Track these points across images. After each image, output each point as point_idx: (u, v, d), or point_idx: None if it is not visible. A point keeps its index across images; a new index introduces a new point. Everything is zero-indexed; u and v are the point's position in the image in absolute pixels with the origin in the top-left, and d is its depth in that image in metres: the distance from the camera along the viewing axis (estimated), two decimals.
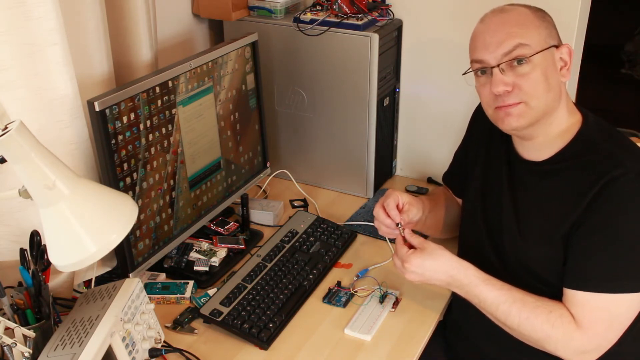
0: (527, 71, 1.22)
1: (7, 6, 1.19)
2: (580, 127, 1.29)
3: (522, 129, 1.28)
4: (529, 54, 1.21)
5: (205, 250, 1.61)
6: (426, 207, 1.52)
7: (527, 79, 1.22)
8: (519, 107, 1.24)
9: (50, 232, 1.06)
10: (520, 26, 1.23)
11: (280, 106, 1.94)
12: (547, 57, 1.23)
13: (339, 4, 1.77)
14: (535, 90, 1.23)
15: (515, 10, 1.26)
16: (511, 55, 1.22)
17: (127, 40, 1.57)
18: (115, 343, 1.15)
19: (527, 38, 1.22)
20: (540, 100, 1.24)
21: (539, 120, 1.26)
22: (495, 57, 1.23)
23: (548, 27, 1.25)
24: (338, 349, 1.36)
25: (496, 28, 1.25)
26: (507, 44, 1.22)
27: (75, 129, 1.35)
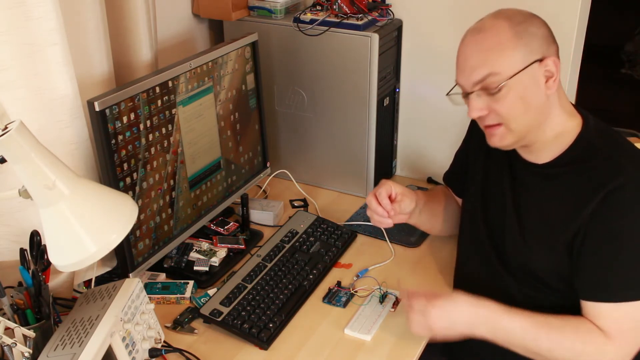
0: (502, 96, 1.21)
1: (7, 6, 1.19)
2: (580, 130, 1.28)
3: (508, 147, 1.29)
4: (499, 82, 1.19)
5: (205, 250, 1.61)
6: (420, 200, 1.52)
7: (502, 104, 1.21)
8: (500, 130, 1.25)
9: (50, 232, 1.06)
10: (492, 51, 1.20)
11: (280, 106, 1.94)
12: (525, 77, 1.20)
13: (339, 4, 1.77)
14: (511, 114, 1.22)
15: (493, 28, 1.21)
16: (482, 84, 1.21)
17: (127, 40, 1.57)
18: (115, 343, 1.15)
19: (498, 65, 1.19)
20: (518, 122, 1.23)
21: (524, 137, 1.26)
22: (468, 84, 1.23)
23: (528, 44, 1.20)
24: (338, 349, 1.36)
25: (470, 53, 1.23)
26: (478, 73, 1.21)
27: (75, 129, 1.35)
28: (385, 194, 1.44)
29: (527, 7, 1.27)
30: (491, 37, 1.21)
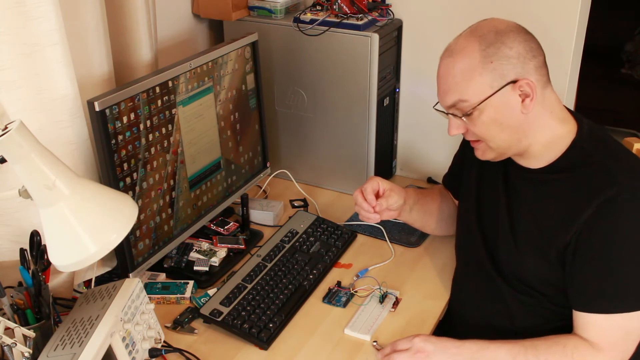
0: (475, 117, 1.22)
1: (7, 6, 1.19)
2: (574, 137, 1.27)
3: (493, 160, 1.31)
4: (468, 108, 1.22)
5: (205, 250, 1.61)
6: (410, 197, 1.53)
7: (475, 125, 1.24)
8: (481, 145, 1.28)
9: (50, 232, 1.06)
10: (460, 78, 1.21)
11: (280, 106, 1.94)
12: (495, 101, 1.20)
13: (339, 4, 1.77)
14: (487, 134, 1.24)
15: (464, 51, 1.21)
16: (452, 110, 1.25)
17: (127, 40, 1.57)
18: (115, 343, 1.15)
19: (466, 92, 1.21)
20: (495, 141, 1.25)
21: (506, 152, 1.28)
22: (444, 105, 1.27)
23: (498, 68, 1.18)
24: (338, 349, 1.36)
25: (442, 75, 1.25)
26: (448, 99, 1.24)
27: (75, 129, 1.35)
28: (370, 189, 1.47)
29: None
30: (460, 61, 1.21)
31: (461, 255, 1.51)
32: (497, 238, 1.36)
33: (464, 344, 1.27)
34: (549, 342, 1.25)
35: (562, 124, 1.27)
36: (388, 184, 1.48)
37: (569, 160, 1.26)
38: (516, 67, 1.19)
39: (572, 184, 1.24)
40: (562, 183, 1.26)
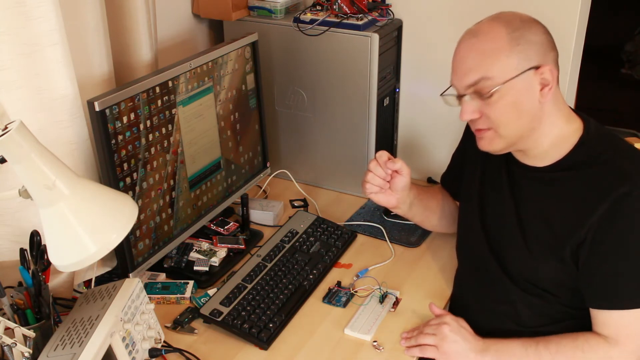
0: (494, 100, 1.20)
1: (7, 6, 1.19)
2: (581, 135, 1.26)
3: (497, 152, 1.29)
4: (491, 87, 1.19)
5: (205, 250, 1.61)
6: (412, 191, 1.52)
7: (493, 109, 1.20)
8: (489, 134, 1.25)
9: (50, 232, 1.06)
10: (487, 56, 1.19)
11: (280, 106, 1.94)
12: (518, 84, 1.19)
13: (339, 4, 1.77)
14: (502, 119, 1.21)
15: (490, 33, 1.20)
16: (474, 88, 1.21)
17: (127, 40, 1.57)
18: (115, 343, 1.15)
19: (491, 70, 1.18)
20: (509, 128, 1.22)
21: (514, 144, 1.26)
22: (461, 87, 1.23)
23: (524, 51, 1.18)
24: (338, 349, 1.36)
25: (464, 55, 1.22)
26: (471, 77, 1.20)
27: (75, 129, 1.35)
28: (385, 156, 1.45)
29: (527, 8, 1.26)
30: (487, 41, 1.19)
31: (463, 256, 1.51)
32: (504, 239, 1.35)
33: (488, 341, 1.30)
34: (560, 336, 1.27)
35: (568, 123, 1.27)
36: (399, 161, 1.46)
37: (577, 159, 1.26)
38: (539, 54, 1.19)
39: (582, 182, 1.24)
40: (572, 181, 1.25)
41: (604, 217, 1.19)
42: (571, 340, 1.25)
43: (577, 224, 1.22)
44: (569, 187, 1.26)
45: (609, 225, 1.20)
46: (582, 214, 1.22)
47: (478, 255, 1.41)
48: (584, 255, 1.23)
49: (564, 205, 1.26)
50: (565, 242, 1.24)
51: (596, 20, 2.08)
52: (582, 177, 1.24)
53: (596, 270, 1.23)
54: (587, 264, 1.23)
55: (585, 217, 1.21)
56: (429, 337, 1.31)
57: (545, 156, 1.28)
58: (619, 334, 1.23)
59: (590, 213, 1.21)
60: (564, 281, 1.28)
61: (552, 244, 1.26)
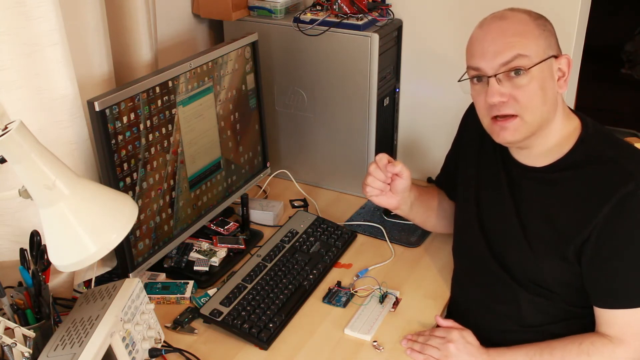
0: (525, 83, 1.19)
1: (7, 6, 1.19)
2: (580, 134, 1.27)
3: (517, 143, 1.27)
4: (527, 65, 1.18)
5: (205, 250, 1.61)
6: (412, 192, 1.52)
7: (524, 91, 1.19)
8: (515, 122, 1.22)
9: (50, 232, 1.06)
10: (519, 36, 1.19)
11: (280, 106, 1.94)
12: (545, 69, 1.20)
13: (339, 4, 1.77)
14: (531, 103, 1.20)
15: (516, 17, 1.21)
16: (509, 65, 1.19)
17: (127, 40, 1.57)
18: (115, 343, 1.15)
19: (526, 49, 1.18)
20: (535, 113, 1.21)
21: (534, 133, 1.25)
22: (492, 67, 1.20)
23: (548, 37, 1.21)
24: (338, 349, 1.36)
25: (495, 36, 1.20)
26: (506, 54, 1.18)
27: (75, 129, 1.35)
28: (386, 159, 1.44)
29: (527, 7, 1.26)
30: (516, 24, 1.21)
31: (461, 257, 1.50)
32: (505, 240, 1.35)
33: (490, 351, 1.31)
34: (565, 341, 1.26)
35: (568, 121, 1.28)
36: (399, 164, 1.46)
37: (577, 157, 1.26)
38: (557, 45, 1.24)
39: (584, 181, 1.24)
40: (573, 180, 1.25)
41: (608, 216, 1.19)
42: (577, 345, 1.25)
43: (580, 223, 1.22)
44: (571, 186, 1.26)
45: (614, 225, 1.20)
46: (586, 213, 1.22)
47: (477, 256, 1.40)
48: (588, 254, 1.23)
49: (566, 204, 1.25)
50: (568, 241, 1.24)
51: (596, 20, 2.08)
52: (584, 176, 1.24)
53: (601, 269, 1.23)
54: (592, 263, 1.23)
55: (589, 217, 1.21)
56: (434, 350, 1.31)
57: (546, 155, 1.28)
58: (624, 333, 1.22)
59: (594, 212, 1.20)
60: (568, 280, 1.28)
61: (555, 243, 1.26)
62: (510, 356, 1.29)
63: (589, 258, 1.23)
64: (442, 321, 1.37)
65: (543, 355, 1.26)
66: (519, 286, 1.33)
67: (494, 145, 1.37)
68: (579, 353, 1.24)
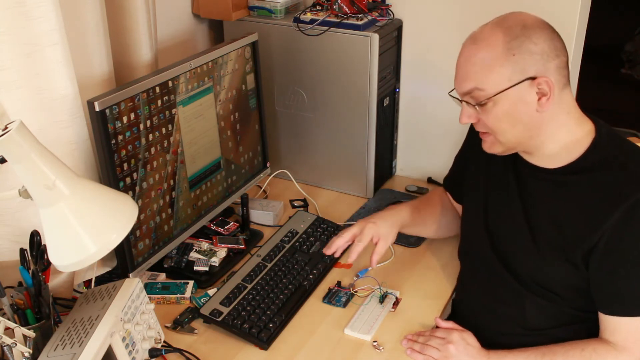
0: (489, 108, 1.21)
1: (7, 6, 1.19)
2: (594, 138, 1.25)
3: (500, 154, 1.30)
4: (482, 98, 1.20)
5: (205, 250, 1.61)
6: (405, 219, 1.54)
7: (487, 116, 1.22)
8: (490, 138, 1.27)
9: (50, 232, 1.06)
10: (481, 66, 1.19)
11: (280, 106, 1.94)
12: (512, 95, 1.18)
13: (339, 4, 1.77)
14: (497, 127, 1.23)
15: (487, 40, 1.19)
16: (468, 97, 1.23)
17: (127, 40, 1.57)
18: (115, 343, 1.15)
19: (484, 82, 1.19)
20: (505, 135, 1.24)
21: (514, 148, 1.27)
22: (459, 92, 1.25)
23: (519, 62, 1.16)
24: (338, 349, 1.36)
25: (462, 63, 1.23)
26: (465, 85, 1.22)
27: (75, 129, 1.35)
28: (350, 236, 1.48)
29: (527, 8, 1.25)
30: (482, 50, 1.19)
31: (467, 258, 1.49)
32: (512, 241, 1.34)
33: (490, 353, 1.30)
34: (567, 346, 1.26)
35: (579, 125, 1.26)
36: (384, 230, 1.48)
37: (590, 162, 1.24)
38: (537, 64, 1.17)
39: (596, 186, 1.23)
40: (585, 184, 1.24)
41: (618, 222, 1.19)
42: (579, 351, 1.24)
43: (590, 228, 1.21)
44: (581, 190, 1.24)
45: (624, 231, 1.19)
46: (596, 219, 1.21)
47: (482, 257, 1.40)
48: (596, 260, 1.22)
49: (576, 208, 1.24)
50: (577, 246, 1.23)
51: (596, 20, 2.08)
52: (596, 181, 1.23)
53: (609, 276, 1.22)
54: (600, 269, 1.22)
55: (599, 222, 1.20)
56: (435, 351, 1.31)
57: (555, 158, 1.27)
58: (628, 340, 1.22)
59: (604, 218, 1.20)
60: (575, 284, 1.27)
61: (563, 247, 1.25)
62: (511, 359, 1.29)
63: (596, 264, 1.22)
64: (442, 322, 1.37)
65: (545, 359, 1.26)
66: (525, 289, 1.32)
67: None
68: (581, 359, 1.23)
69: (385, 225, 1.49)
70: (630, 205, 1.18)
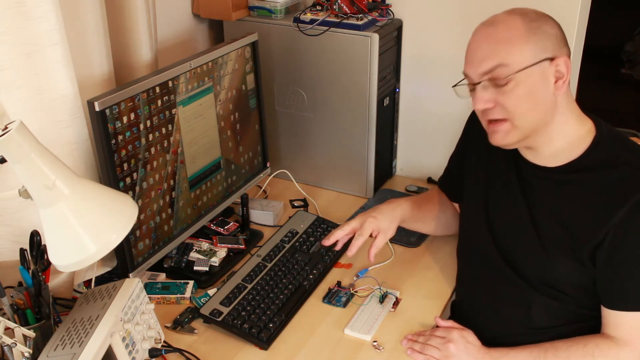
0: (510, 89, 1.19)
1: (7, 6, 1.19)
2: (595, 136, 1.25)
3: (510, 146, 1.27)
4: (508, 74, 1.17)
5: (205, 250, 1.61)
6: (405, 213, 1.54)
7: (509, 97, 1.19)
8: (505, 125, 1.22)
9: (50, 232, 1.06)
10: (503, 43, 1.18)
11: (280, 106, 1.94)
12: (534, 73, 1.18)
13: (339, 4, 1.77)
14: (518, 109, 1.20)
15: (505, 23, 1.20)
16: (490, 75, 1.19)
17: (127, 40, 1.57)
18: (115, 343, 1.15)
19: (508, 57, 1.18)
20: (525, 118, 1.21)
21: (529, 136, 1.24)
22: (476, 74, 1.21)
23: (540, 40, 1.18)
24: (338, 349, 1.36)
25: (480, 44, 1.21)
26: (487, 63, 1.19)
27: (75, 129, 1.35)
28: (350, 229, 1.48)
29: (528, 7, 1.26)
30: (503, 30, 1.19)
31: (467, 258, 1.49)
32: (517, 241, 1.33)
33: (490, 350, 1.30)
34: (569, 342, 1.26)
35: (581, 123, 1.27)
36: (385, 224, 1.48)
37: (592, 160, 1.25)
38: (554, 46, 1.19)
39: (599, 184, 1.23)
40: (589, 182, 1.24)
41: (624, 219, 1.19)
42: (581, 346, 1.24)
43: (595, 226, 1.21)
44: (585, 188, 1.25)
45: (629, 228, 1.19)
46: (601, 216, 1.21)
47: (484, 257, 1.39)
48: (602, 257, 1.22)
49: (581, 206, 1.24)
50: (582, 244, 1.23)
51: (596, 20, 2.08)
52: (599, 179, 1.23)
53: (614, 272, 1.22)
54: (606, 265, 1.22)
55: (605, 219, 1.20)
56: (435, 350, 1.31)
57: (558, 156, 1.27)
58: (631, 335, 1.22)
59: (610, 215, 1.20)
60: (582, 282, 1.27)
61: (570, 245, 1.25)
62: (513, 356, 1.28)
63: (602, 261, 1.22)
64: (442, 322, 1.37)
65: (547, 356, 1.25)
66: (530, 288, 1.31)
67: None
68: (584, 355, 1.23)
69: (386, 219, 1.49)
70: (635, 203, 1.18)
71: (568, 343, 1.26)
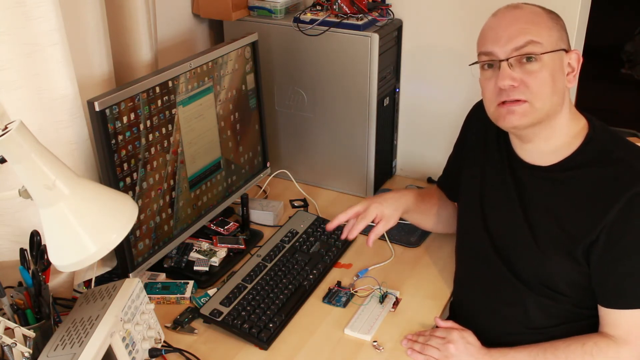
0: (536, 69, 1.20)
1: (7, 6, 1.19)
2: (587, 133, 1.26)
3: (522, 129, 1.26)
4: (539, 51, 1.19)
5: (205, 250, 1.61)
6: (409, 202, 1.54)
7: (534, 77, 1.20)
8: (523, 106, 1.22)
9: (50, 232, 1.06)
10: (533, 24, 1.21)
11: (280, 106, 1.94)
12: (556, 59, 1.21)
13: (339, 4, 1.77)
14: (541, 90, 1.20)
15: (529, 8, 1.24)
16: (522, 50, 1.20)
17: (127, 40, 1.57)
18: (115, 343, 1.15)
19: (539, 36, 1.20)
20: (544, 101, 1.21)
21: (540, 122, 1.24)
22: (505, 51, 1.21)
23: (559, 30, 1.23)
24: (338, 349, 1.36)
25: (509, 23, 1.23)
26: (519, 40, 1.20)
27: (75, 129, 1.35)
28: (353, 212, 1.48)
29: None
30: (530, 14, 1.23)
31: (465, 258, 1.49)
32: (512, 240, 1.34)
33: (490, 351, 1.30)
34: (568, 341, 1.26)
35: (574, 121, 1.28)
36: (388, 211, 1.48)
37: (585, 157, 1.25)
38: (567, 40, 1.25)
39: (593, 181, 1.23)
40: (582, 180, 1.25)
41: (618, 216, 1.19)
42: (580, 345, 1.24)
43: (590, 223, 1.22)
44: (579, 186, 1.25)
45: (624, 225, 1.19)
46: (596, 213, 1.21)
47: (482, 257, 1.39)
48: (597, 255, 1.22)
49: (574, 204, 1.25)
50: (577, 242, 1.24)
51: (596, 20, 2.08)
52: (593, 176, 1.24)
53: (610, 270, 1.22)
54: (601, 263, 1.23)
55: (599, 216, 1.21)
56: (435, 350, 1.31)
57: (552, 153, 1.28)
58: (629, 334, 1.22)
59: (604, 212, 1.20)
60: (577, 280, 1.27)
61: (565, 243, 1.25)
62: (513, 356, 1.28)
63: (597, 258, 1.22)
64: (442, 322, 1.37)
65: (546, 355, 1.25)
66: (526, 288, 1.32)
67: (498, 144, 1.37)
68: (583, 354, 1.23)
69: (390, 207, 1.49)
70: (629, 199, 1.18)
71: (567, 342, 1.26)
